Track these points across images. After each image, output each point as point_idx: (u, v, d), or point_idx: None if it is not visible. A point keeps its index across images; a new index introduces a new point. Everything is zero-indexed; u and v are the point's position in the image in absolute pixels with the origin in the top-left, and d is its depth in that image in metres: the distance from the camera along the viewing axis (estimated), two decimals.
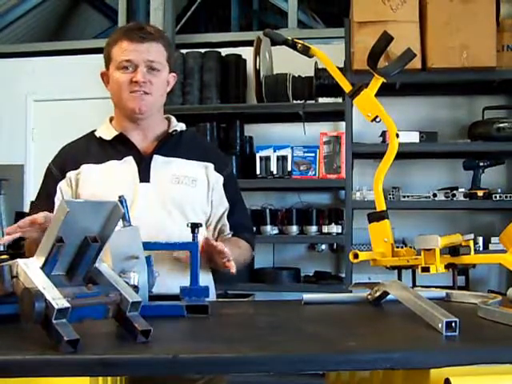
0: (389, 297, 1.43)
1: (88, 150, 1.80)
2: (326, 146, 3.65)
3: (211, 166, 1.83)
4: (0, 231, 3.99)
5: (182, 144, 1.84)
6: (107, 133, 1.80)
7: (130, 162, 1.76)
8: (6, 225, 4.15)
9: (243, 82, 4.01)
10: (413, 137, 3.50)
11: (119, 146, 1.78)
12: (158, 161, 1.77)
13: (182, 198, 1.76)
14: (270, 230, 3.77)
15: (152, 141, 1.81)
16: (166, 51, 1.76)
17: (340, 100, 3.72)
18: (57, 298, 0.98)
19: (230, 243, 1.74)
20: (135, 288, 1.21)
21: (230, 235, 1.86)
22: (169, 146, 1.81)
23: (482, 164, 3.58)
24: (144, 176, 1.75)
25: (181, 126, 1.86)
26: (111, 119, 1.85)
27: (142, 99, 1.72)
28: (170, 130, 1.82)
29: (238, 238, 1.85)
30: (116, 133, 1.78)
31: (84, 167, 1.76)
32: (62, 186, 1.76)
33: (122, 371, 1.02)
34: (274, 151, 3.67)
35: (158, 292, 1.37)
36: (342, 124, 3.66)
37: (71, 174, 1.76)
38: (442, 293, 1.54)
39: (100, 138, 1.80)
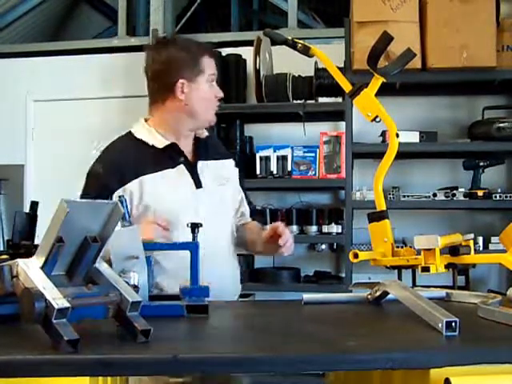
0: (389, 297, 1.43)
1: (142, 158, 1.79)
2: (325, 145, 3.65)
3: (232, 161, 1.98)
4: (0, 231, 3.99)
5: (209, 145, 1.92)
6: (153, 138, 1.80)
7: (183, 170, 1.81)
8: (5, 225, 4.15)
9: (243, 82, 4.00)
10: (413, 137, 3.50)
11: (170, 154, 1.81)
12: (201, 166, 1.85)
13: (226, 198, 1.88)
14: None
15: (191, 146, 1.88)
16: None
17: (340, 100, 3.72)
18: (57, 298, 0.98)
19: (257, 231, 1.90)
20: (135, 288, 1.22)
21: (249, 219, 2.00)
22: (203, 149, 1.89)
23: (481, 164, 3.57)
24: (197, 182, 1.81)
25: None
26: (146, 120, 1.86)
27: None
28: (203, 136, 1.89)
29: (257, 222, 2.00)
30: (167, 142, 1.80)
31: (145, 178, 1.75)
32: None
33: (122, 371, 1.02)
34: (274, 151, 3.68)
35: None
36: (342, 124, 3.66)
37: (132, 186, 1.74)
38: (442, 292, 1.54)
39: (153, 146, 1.80)
